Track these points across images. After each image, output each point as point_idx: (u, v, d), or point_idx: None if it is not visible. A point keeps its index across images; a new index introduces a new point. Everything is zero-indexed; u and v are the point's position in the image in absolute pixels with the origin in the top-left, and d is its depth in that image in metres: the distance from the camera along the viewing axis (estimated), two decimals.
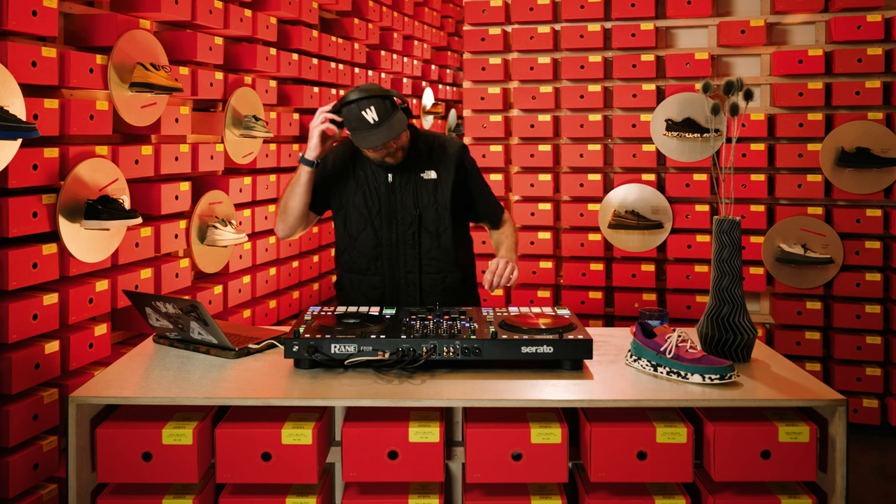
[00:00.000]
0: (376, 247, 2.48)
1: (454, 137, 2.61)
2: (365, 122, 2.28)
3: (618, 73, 4.00)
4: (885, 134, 3.66)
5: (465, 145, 2.58)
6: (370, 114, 2.27)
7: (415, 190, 2.46)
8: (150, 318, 2.19)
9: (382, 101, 2.28)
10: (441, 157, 2.49)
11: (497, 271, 2.38)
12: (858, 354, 3.71)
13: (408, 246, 2.46)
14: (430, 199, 2.46)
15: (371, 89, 2.31)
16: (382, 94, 2.30)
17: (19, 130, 2.11)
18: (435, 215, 2.46)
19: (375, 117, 2.28)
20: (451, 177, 2.47)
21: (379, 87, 2.34)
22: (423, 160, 2.48)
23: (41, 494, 2.38)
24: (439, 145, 2.52)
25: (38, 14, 2.34)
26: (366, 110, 2.27)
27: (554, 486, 1.87)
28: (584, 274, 4.02)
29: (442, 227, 2.47)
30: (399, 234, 2.47)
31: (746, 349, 2.05)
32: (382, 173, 2.47)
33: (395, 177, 2.46)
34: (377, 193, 2.47)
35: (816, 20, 3.85)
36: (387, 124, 2.29)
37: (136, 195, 2.84)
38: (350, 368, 1.94)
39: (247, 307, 3.47)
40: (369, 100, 2.27)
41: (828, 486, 1.79)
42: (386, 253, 2.48)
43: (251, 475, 1.78)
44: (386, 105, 2.29)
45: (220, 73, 3.28)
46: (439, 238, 2.47)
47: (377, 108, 2.28)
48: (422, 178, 2.47)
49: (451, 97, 7.01)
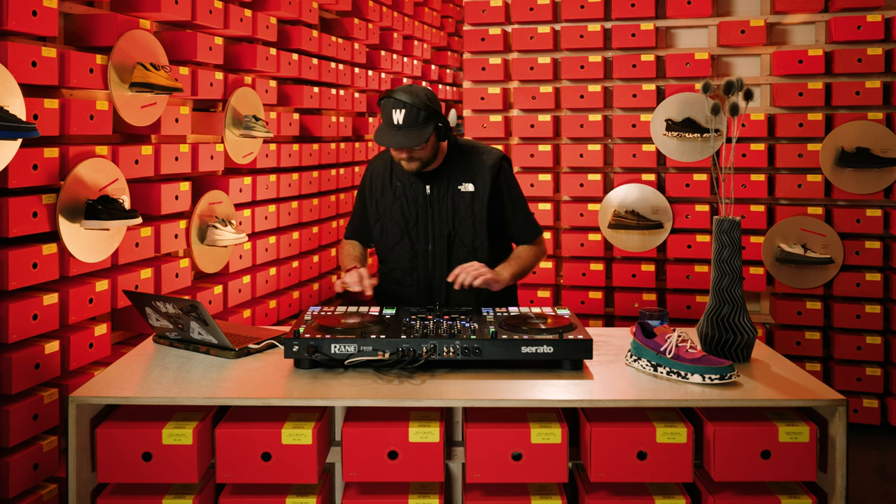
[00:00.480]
0: (412, 258, 2.48)
1: (494, 149, 2.55)
2: (390, 120, 2.30)
3: (618, 73, 4.00)
4: (885, 134, 3.66)
5: (504, 157, 2.54)
6: (397, 115, 2.28)
7: (452, 202, 2.44)
8: (150, 318, 2.19)
9: (415, 110, 2.28)
10: (479, 170, 2.46)
11: (464, 271, 2.30)
12: (858, 354, 3.71)
13: (444, 259, 2.45)
14: (467, 211, 2.44)
15: (415, 93, 2.30)
16: (420, 105, 2.28)
17: (19, 130, 2.11)
18: (471, 228, 2.45)
19: (400, 121, 2.28)
20: (487, 189, 2.45)
21: (425, 98, 2.31)
22: (462, 172, 2.46)
23: (41, 494, 2.38)
24: (477, 157, 2.49)
25: (38, 14, 2.34)
26: (396, 110, 2.29)
27: (554, 486, 1.87)
28: (584, 274, 4.02)
29: (478, 240, 2.45)
30: (435, 246, 2.46)
31: (746, 349, 2.05)
32: (420, 185, 2.46)
33: (432, 189, 2.45)
34: (415, 205, 2.46)
35: (816, 20, 3.85)
36: (406, 132, 2.29)
37: (136, 195, 2.84)
38: (350, 368, 1.94)
39: (247, 307, 3.47)
40: (404, 103, 2.28)
41: (828, 486, 1.79)
42: (422, 265, 2.47)
43: (251, 475, 1.78)
44: (417, 115, 2.28)
45: (220, 73, 3.28)
46: (475, 252, 2.45)
47: (407, 113, 2.28)
48: (459, 191, 2.45)
49: (451, 97, 7.01)
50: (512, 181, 2.54)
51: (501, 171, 2.50)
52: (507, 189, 2.51)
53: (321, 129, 4.17)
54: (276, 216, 3.74)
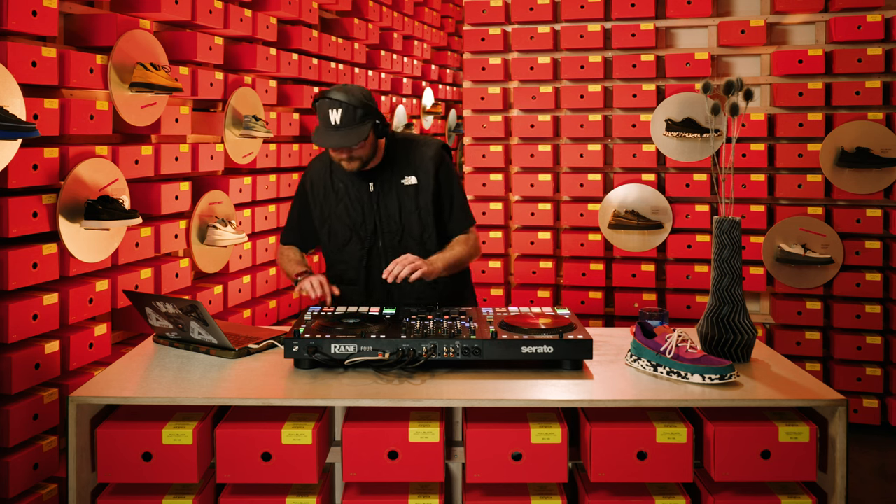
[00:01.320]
0: (363, 257, 2.47)
1: (433, 139, 2.56)
2: (328, 120, 2.28)
3: (618, 73, 4.00)
4: (885, 134, 3.66)
5: (444, 147, 2.54)
6: (334, 115, 2.27)
7: (397, 197, 2.44)
8: (150, 318, 2.19)
9: (352, 109, 2.27)
10: (420, 162, 2.46)
11: (398, 265, 2.28)
12: (858, 354, 3.71)
13: (394, 254, 2.44)
14: (413, 204, 2.44)
15: (350, 92, 2.29)
16: (356, 103, 2.27)
17: (19, 130, 2.11)
18: (418, 221, 2.45)
19: (338, 120, 2.27)
20: (430, 181, 2.45)
21: (361, 96, 2.30)
22: (403, 165, 2.46)
23: (41, 494, 2.38)
24: (418, 149, 2.49)
25: (38, 14, 2.34)
26: (332, 110, 2.27)
27: (554, 486, 1.87)
28: (584, 274, 4.02)
29: (426, 232, 2.45)
30: (385, 242, 2.46)
31: (746, 349, 2.05)
32: (363, 183, 2.45)
33: (375, 185, 2.45)
34: (359, 203, 2.46)
35: (816, 20, 3.85)
36: (345, 131, 2.27)
37: (136, 195, 2.84)
38: (350, 368, 1.94)
39: (247, 307, 3.47)
40: (340, 102, 2.27)
41: (828, 486, 1.79)
42: (374, 262, 2.47)
43: (251, 475, 1.78)
44: (355, 114, 2.27)
45: (220, 73, 3.28)
46: (424, 244, 2.45)
47: (344, 112, 2.26)
48: (402, 185, 2.44)
49: (451, 97, 7.01)
50: (451, 172, 2.53)
51: (443, 162, 2.50)
52: (447, 179, 2.50)
53: None
54: (276, 216, 3.74)
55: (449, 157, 2.56)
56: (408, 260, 2.29)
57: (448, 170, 2.52)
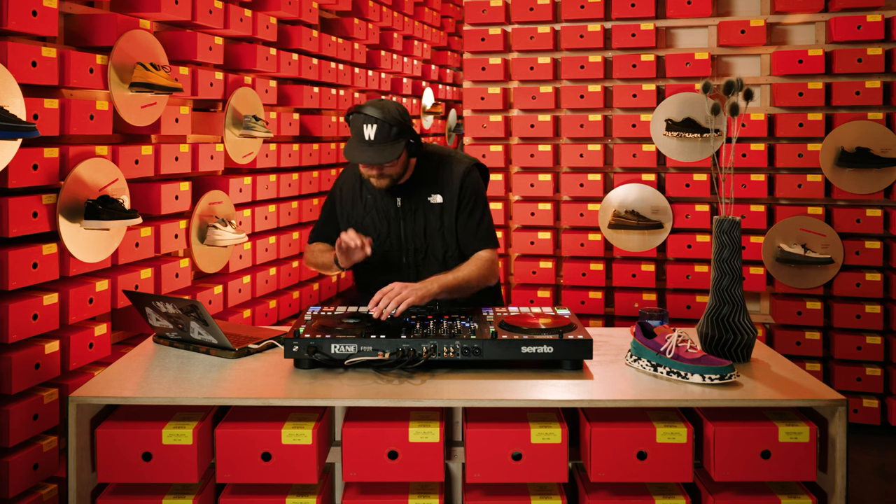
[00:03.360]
0: (386, 271, 2.45)
1: (466, 157, 2.50)
2: (361, 136, 2.25)
3: (618, 73, 4.00)
4: (885, 134, 3.66)
5: (472, 166, 2.47)
6: (368, 130, 2.24)
7: (424, 215, 2.42)
8: (150, 318, 2.19)
9: (387, 126, 2.23)
10: (447, 180, 2.43)
11: (389, 293, 2.12)
12: (858, 354, 3.71)
13: (415, 270, 2.44)
14: (437, 223, 2.41)
15: (386, 109, 2.25)
16: (391, 121, 2.24)
17: (19, 130, 2.11)
18: (442, 241, 2.42)
19: (372, 136, 2.24)
20: (455, 199, 2.41)
21: (397, 113, 2.26)
22: (430, 183, 2.43)
23: (41, 494, 2.38)
24: (447, 166, 2.45)
25: (38, 14, 2.34)
26: (367, 125, 2.24)
27: (554, 486, 1.87)
28: (584, 274, 4.02)
29: (449, 252, 2.43)
30: (407, 258, 2.44)
31: (746, 349, 2.05)
32: (390, 198, 2.43)
33: (403, 202, 2.43)
34: (386, 218, 2.44)
35: (816, 20, 3.85)
36: (379, 147, 2.24)
37: (136, 195, 2.84)
38: (350, 368, 1.94)
39: (247, 307, 3.47)
40: (375, 119, 2.23)
41: (828, 486, 1.79)
42: (395, 278, 2.42)
43: (251, 475, 1.78)
44: (390, 131, 2.24)
45: (220, 73, 3.28)
46: (446, 263, 2.42)
47: (379, 129, 2.23)
48: (429, 203, 2.42)
49: (451, 97, 7.01)
50: (476, 190, 2.44)
51: (468, 179, 2.43)
52: (470, 197, 2.43)
53: (321, 129, 4.17)
54: (276, 216, 3.74)
55: (480, 177, 2.48)
56: (394, 292, 2.13)
57: (473, 189, 2.43)
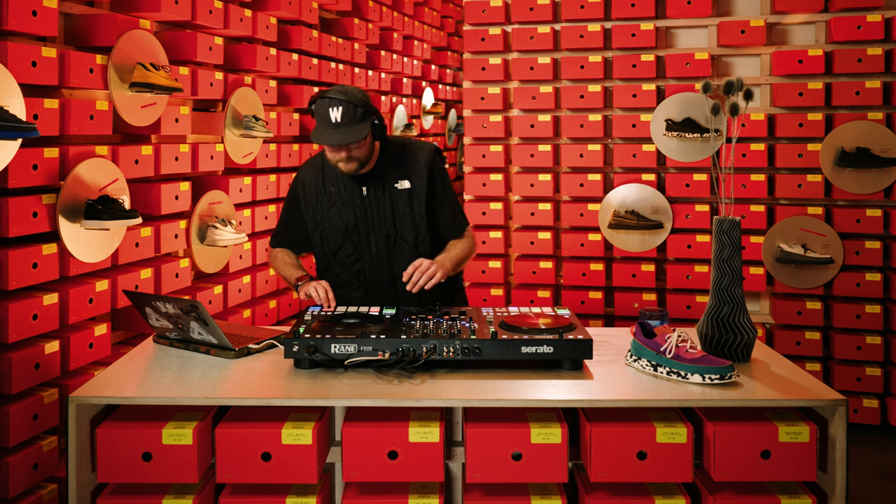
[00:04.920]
0: (356, 261, 2.47)
1: (426, 143, 2.57)
2: (328, 119, 2.29)
3: (618, 73, 4.00)
4: (885, 134, 3.66)
5: (437, 150, 2.54)
6: (335, 112, 2.28)
7: (391, 201, 2.44)
8: (150, 318, 2.19)
9: (353, 107, 2.28)
10: (413, 166, 2.47)
11: (420, 268, 2.31)
12: (858, 354, 3.71)
13: (388, 258, 2.45)
14: (406, 209, 2.44)
15: (348, 93, 2.30)
16: (357, 102, 2.29)
17: (19, 130, 2.11)
18: (412, 225, 2.45)
19: (339, 118, 2.28)
20: (424, 185, 2.45)
21: (361, 95, 2.33)
22: (396, 170, 2.46)
23: (41, 494, 2.38)
24: (411, 153, 2.49)
25: (38, 14, 2.34)
26: (333, 108, 2.28)
27: (554, 486, 1.87)
28: (584, 274, 4.02)
29: (420, 236, 2.45)
30: (378, 246, 2.46)
31: (746, 349, 2.05)
32: (356, 186, 2.45)
33: (369, 189, 2.45)
34: (352, 207, 2.46)
35: (816, 20, 3.85)
36: (346, 128, 2.28)
37: (136, 195, 2.84)
38: (350, 368, 1.94)
39: (247, 307, 3.47)
40: (340, 101, 2.28)
41: (828, 486, 1.79)
42: (367, 266, 2.47)
43: (251, 475, 1.78)
44: (355, 112, 2.29)
45: (220, 73, 3.28)
46: (418, 248, 2.45)
47: (345, 110, 2.28)
48: (396, 189, 2.45)
49: (451, 97, 7.01)
50: (444, 175, 2.54)
51: (435, 165, 2.50)
52: (440, 184, 2.51)
53: None
54: (276, 216, 3.74)
55: (442, 160, 2.56)
56: (424, 266, 2.31)
57: (441, 174, 2.52)
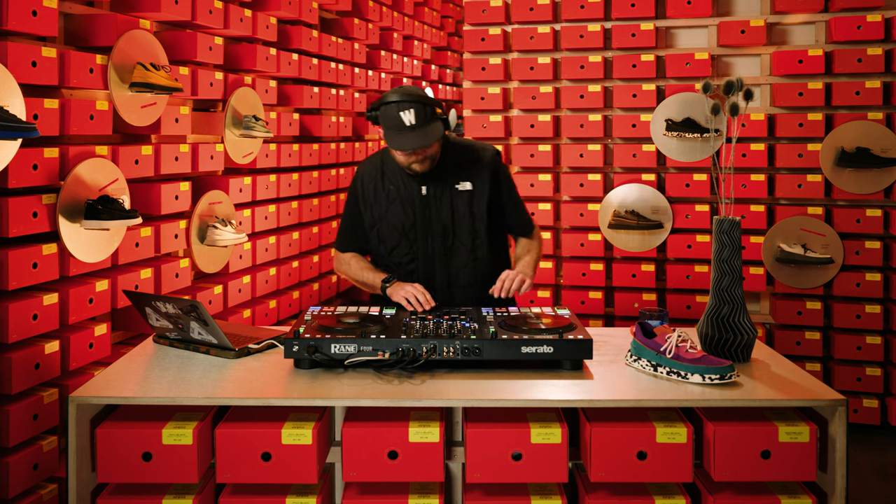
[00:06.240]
0: (412, 260, 2.45)
1: (488, 145, 2.56)
2: (401, 123, 2.27)
3: (618, 73, 4.00)
4: (885, 134, 3.66)
5: (498, 153, 2.55)
6: (408, 116, 2.26)
7: (451, 202, 2.43)
8: (150, 318, 2.19)
9: (423, 107, 2.27)
10: (476, 168, 2.46)
11: (507, 279, 2.32)
12: (858, 354, 3.71)
13: (443, 259, 2.44)
14: (466, 210, 2.43)
15: (413, 93, 2.29)
16: (424, 101, 2.28)
17: (19, 130, 2.11)
18: (471, 227, 2.44)
19: (413, 120, 2.26)
20: (486, 188, 2.44)
21: (422, 93, 2.31)
22: (457, 171, 2.45)
23: (41, 494, 2.38)
24: (473, 154, 2.49)
25: (38, 14, 2.34)
26: (405, 112, 2.26)
27: (554, 486, 1.87)
28: (584, 274, 4.02)
29: (478, 239, 2.44)
30: (434, 247, 2.44)
31: (746, 349, 2.05)
32: (415, 185, 2.44)
33: (429, 189, 2.43)
34: (411, 206, 2.44)
35: (816, 20, 3.85)
36: (422, 130, 2.27)
37: (136, 195, 2.84)
38: (350, 368, 1.94)
39: (247, 307, 3.47)
40: (411, 103, 2.26)
41: (828, 486, 1.79)
42: (422, 266, 2.45)
43: (251, 475, 1.78)
44: (426, 111, 2.27)
45: (220, 73, 3.28)
46: (475, 251, 2.44)
47: (417, 112, 2.26)
48: (457, 190, 2.43)
49: (451, 97, 7.01)
50: (508, 177, 2.57)
51: (499, 168, 2.52)
52: (505, 185, 2.53)
53: (321, 129, 4.17)
54: (276, 216, 3.74)
55: (503, 163, 2.58)
56: (514, 274, 2.33)
57: (506, 176, 2.55)
